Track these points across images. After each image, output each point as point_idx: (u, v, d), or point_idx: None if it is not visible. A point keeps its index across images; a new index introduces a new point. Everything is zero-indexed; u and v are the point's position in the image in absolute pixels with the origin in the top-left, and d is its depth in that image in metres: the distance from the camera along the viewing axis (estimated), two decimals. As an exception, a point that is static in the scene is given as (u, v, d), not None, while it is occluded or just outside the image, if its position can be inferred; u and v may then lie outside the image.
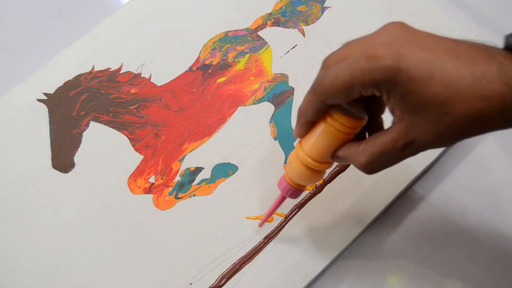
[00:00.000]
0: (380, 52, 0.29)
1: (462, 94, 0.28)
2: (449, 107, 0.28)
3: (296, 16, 0.52)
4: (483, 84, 0.28)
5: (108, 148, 0.46)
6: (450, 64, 0.28)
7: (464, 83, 0.28)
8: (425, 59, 0.28)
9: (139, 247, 0.42)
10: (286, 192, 0.37)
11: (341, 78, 0.30)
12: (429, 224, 0.43)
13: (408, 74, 0.28)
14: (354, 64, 0.30)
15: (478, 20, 0.52)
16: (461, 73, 0.28)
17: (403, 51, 0.29)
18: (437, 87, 0.28)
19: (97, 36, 0.51)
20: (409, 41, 0.29)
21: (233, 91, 0.48)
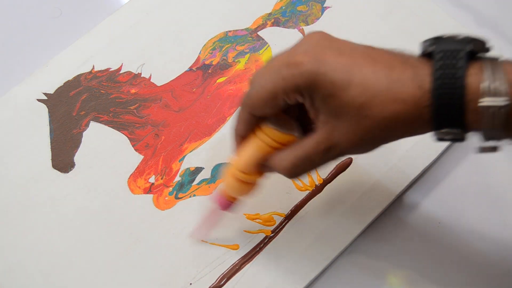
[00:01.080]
0: (300, 59, 0.30)
1: (379, 97, 0.29)
2: (367, 110, 0.29)
3: (296, 16, 0.52)
4: (398, 88, 0.29)
5: (108, 148, 0.46)
6: (367, 68, 0.29)
7: (381, 87, 0.29)
8: (344, 64, 0.30)
9: (139, 247, 0.42)
10: (220, 204, 0.38)
11: (265, 88, 0.31)
12: (429, 224, 0.43)
13: (327, 78, 0.29)
14: (277, 73, 0.31)
15: (478, 20, 0.52)
16: (378, 77, 0.29)
17: (322, 57, 0.30)
18: (356, 91, 0.29)
19: (97, 36, 0.51)
20: (328, 48, 0.30)
21: (233, 91, 0.48)
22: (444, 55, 0.29)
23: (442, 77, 0.28)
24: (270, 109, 0.33)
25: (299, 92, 0.31)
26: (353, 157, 0.45)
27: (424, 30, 0.50)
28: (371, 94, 0.29)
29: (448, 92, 0.28)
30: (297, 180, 0.44)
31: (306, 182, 0.44)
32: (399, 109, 0.29)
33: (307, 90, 0.30)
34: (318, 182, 0.44)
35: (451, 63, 0.28)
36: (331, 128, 0.31)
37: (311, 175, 0.44)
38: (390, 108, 0.29)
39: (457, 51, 0.28)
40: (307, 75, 0.30)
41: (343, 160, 0.45)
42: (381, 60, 0.30)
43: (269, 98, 0.32)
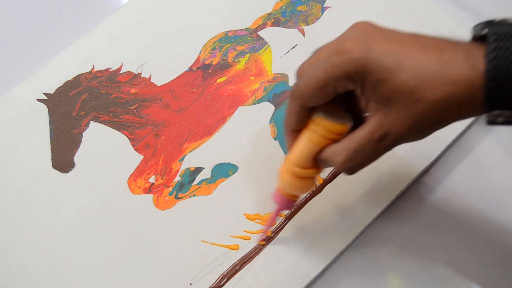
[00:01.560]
0: (349, 46, 0.30)
1: (431, 79, 0.29)
2: (419, 94, 0.29)
3: (296, 16, 0.52)
4: (450, 69, 0.29)
5: (108, 148, 0.46)
6: (417, 52, 0.29)
7: (432, 69, 0.29)
8: (393, 49, 0.29)
9: (139, 247, 0.42)
10: (281, 204, 0.38)
11: (315, 77, 0.31)
12: (429, 224, 0.43)
13: (377, 64, 0.29)
14: (326, 61, 0.31)
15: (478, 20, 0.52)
16: (428, 60, 0.29)
17: (370, 43, 0.30)
18: (406, 75, 0.29)
19: (97, 36, 0.51)
20: (376, 35, 0.30)
21: (233, 91, 0.48)
22: (498, 37, 0.28)
23: (496, 59, 0.28)
24: (321, 98, 0.32)
25: (349, 79, 0.30)
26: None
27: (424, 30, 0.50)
28: (422, 77, 0.29)
29: (503, 73, 0.28)
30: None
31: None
32: (451, 91, 0.29)
33: (358, 77, 0.30)
34: (318, 182, 0.44)
35: (505, 45, 0.28)
36: (383, 115, 0.31)
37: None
38: (442, 90, 0.29)
39: (511, 34, 0.28)
40: (357, 61, 0.30)
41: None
42: (430, 44, 0.30)
43: (320, 87, 0.31)
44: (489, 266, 0.42)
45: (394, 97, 0.30)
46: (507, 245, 0.42)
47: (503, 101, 0.28)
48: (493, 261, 0.42)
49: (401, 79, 0.29)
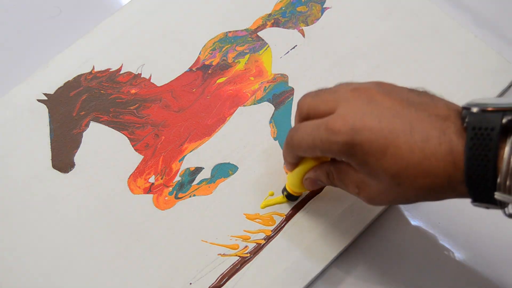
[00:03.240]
0: (338, 126, 0.31)
1: (412, 170, 0.30)
2: (400, 180, 0.31)
3: (296, 16, 0.52)
4: (432, 163, 0.29)
5: (108, 148, 0.46)
6: (403, 139, 0.30)
7: (415, 160, 0.30)
8: (380, 134, 0.30)
9: (139, 247, 0.42)
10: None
11: (305, 142, 0.34)
12: (429, 224, 0.44)
13: (362, 149, 0.31)
14: (316, 132, 0.33)
15: (477, 20, 0.53)
16: (412, 149, 0.30)
17: (359, 126, 0.31)
18: (389, 162, 0.30)
19: (97, 36, 0.51)
20: (369, 114, 0.31)
21: (233, 91, 0.49)
22: (477, 134, 0.28)
23: (474, 158, 0.28)
24: (310, 156, 0.36)
25: (335, 155, 0.33)
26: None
27: (423, 31, 0.51)
28: (404, 166, 0.30)
29: (480, 173, 0.28)
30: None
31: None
32: (431, 182, 0.30)
33: (342, 156, 0.32)
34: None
35: (483, 143, 0.28)
36: (366, 182, 0.33)
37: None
38: (422, 180, 0.30)
39: (490, 129, 0.28)
40: (342, 144, 0.31)
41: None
42: (420, 129, 0.30)
43: (308, 150, 0.34)
44: (489, 266, 0.42)
45: (377, 177, 0.32)
46: (507, 244, 0.43)
47: (483, 197, 0.29)
48: (493, 260, 0.42)
49: (384, 165, 0.31)
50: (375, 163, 0.31)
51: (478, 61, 0.49)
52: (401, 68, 0.49)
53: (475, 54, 0.49)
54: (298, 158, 0.38)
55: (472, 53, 0.49)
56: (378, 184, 0.32)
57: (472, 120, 0.29)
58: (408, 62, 0.49)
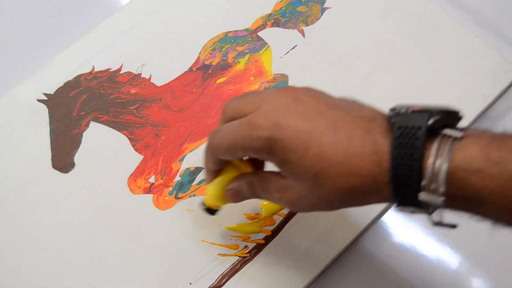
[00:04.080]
0: (260, 121, 0.30)
1: (335, 169, 0.29)
2: (322, 180, 0.29)
3: (296, 16, 0.52)
4: (356, 162, 0.28)
5: (108, 148, 0.46)
6: (327, 138, 0.29)
7: (338, 159, 0.29)
8: (303, 131, 0.29)
9: (139, 247, 0.42)
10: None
11: (226, 141, 0.32)
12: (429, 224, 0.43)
13: (283, 145, 0.29)
14: (237, 129, 0.31)
15: (477, 20, 0.53)
16: (336, 148, 0.29)
17: (282, 121, 0.30)
18: (311, 160, 0.29)
19: (97, 36, 0.51)
20: (292, 112, 0.30)
21: (233, 91, 0.49)
22: (403, 133, 0.27)
23: (399, 157, 0.27)
24: (231, 158, 0.34)
25: (256, 153, 0.31)
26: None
27: (423, 31, 0.51)
28: (326, 165, 0.29)
29: (405, 173, 0.27)
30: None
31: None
32: (355, 183, 0.29)
33: (264, 153, 0.31)
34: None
35: (409, 141, 0.27)
36: (290, 185, 0.31)
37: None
38: (346, 180, 0.29)
39: (416, 128, 0.27)
40: (263, 140, 0.30)
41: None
42: (344, 128, 0.29)
43: (228, 150, 0.32)
44: (489, 266, 0.42)
45: (299, 176, 0.30)
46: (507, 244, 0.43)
47: (408, 199, 0.28)
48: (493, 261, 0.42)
49: (306, 164, 0.29)
50: (296, 161, 0.29)
51: (478, 61, 0.49)
52: (401, 68, 0.49)
53: (475, 54, 0.49)
54: (220, 164, 0.35)
55: (472, 53, 0.49)
56: (299, 186, 0.31)
57: (398, 120, 0.28)
58: (408, 62, 0.49)
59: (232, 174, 0.36)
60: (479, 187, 0.26)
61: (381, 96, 0.48)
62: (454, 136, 0.27)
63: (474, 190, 0.26)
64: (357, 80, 0.49)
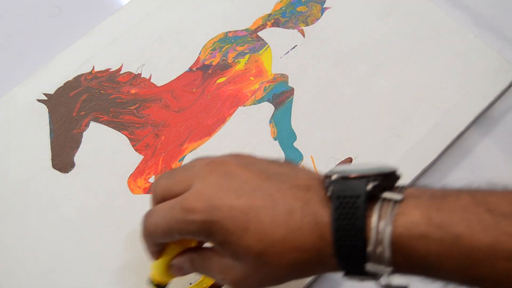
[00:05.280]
0: (193, 204, 0.29)
1: (277, 246, 0.28)
2: (265, 258, 0.28)
3: (296, 16, 0.52)
4: (298, 237, 0.27)
5: (108, 148, 0.46)
6: (265, 213, 0.28)
7: (279, 235, 0.28)
8: (240, 210, 0.28)
9: (139, 247, 0.42)
10: None
11: (160, 226, 0.31)
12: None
13: (221, 227, 0.28)
14: (170, 214, 0.30)
15: (477, 20, 0.53)
16: (276, 224, 0.28)
17: (216, 202, 0.28)
18: (252, 239, 0.28)
19: (97, 36, 0.51)
20: (225, 190, 0.29)
21: (233, 91, 0.49)
22: (342, 203, 0.27)
23: (341, 228, 0.26)
24: (170, 241, 0.32)
25: (194, 236, 0.30)
26: (352, 157, 0.45)
27: (423, 31, 0.51)
28: (268, 243, 0.28)
29: (349, 244, 0.26)
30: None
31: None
32: (300, 257, 0.28)
33: (203, 235, 0.29)
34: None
35: (350, 212, 0.26)
36: (230, 265, 0.30)
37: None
38: (289, 256, 0.28)
39: (355, 197, 0.26)
40: (199, 223, 0.29)
41: (343, 160, 0.45)
42: (281, 202, 0.28)
43: (164, 234, 0.31)
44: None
45: (241, 257, 0.29)
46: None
47: (355, 269, 0.27)
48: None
49: (247, 243, 0.28)
50: (237, 242, 0.28)
51: (478, 61, 0.49)
52: (401, 68, 0.49)
53: (475, 54, 0.49)
54: (159, 245, 0.33)
55: (472, 53, 0.49)
56: (243, 266, 0.29)
57: (336, 189, 0.27)
58: (408, 62, 0.49)
59: (175, 250, 0.34)
60: (426, 253, 0.25)
61: (381, 96, 0.48)
62: (394, 199, 0.27)
63: (421, 256, 0.26)
64: (357, 80, 0.49)
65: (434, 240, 0.25)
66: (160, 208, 0.31)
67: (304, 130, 0.46)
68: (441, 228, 0.25)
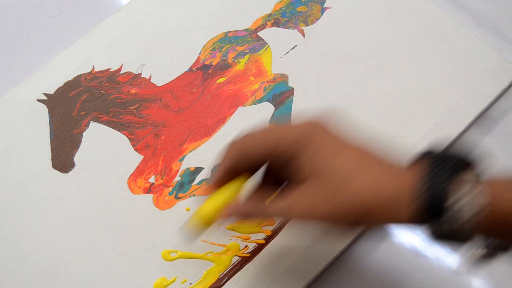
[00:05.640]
0: (298, 121, 0.32)
1: (362, 174, 0.29)
2: (346, 183, 0.29)
3: (296, 16, 0.52)
4: (385, 174, 0.29)
5: (108, 148, 0.46)
6: (360, 148, 0.31)
7: (367, 166, 0.30)
8: (339, 139, 0.31)
9: (139, 247, 0.42)
10: None
11: (262, 133, 0.33)
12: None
13: (318, 142, 0.31)
14: (275, 126, 0.33)
15: (477, 20, 0.53)
16: (367, 156, 0.30)
17: (321, 126, 0.31)
18: (341, 161, 0.30)
19: (97, 36, 0.51)
20: (330, 126, 0.32)
21: (233, 91, 0.49)
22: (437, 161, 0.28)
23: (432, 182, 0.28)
24: (256, 158, 0.33)
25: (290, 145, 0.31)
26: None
27: (423, 31, 0.51)
28: (355, 168, 0.30)
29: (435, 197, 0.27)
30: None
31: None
32: (379, 194, 0.29)
33: (295, 146, 0.31)
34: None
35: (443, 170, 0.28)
36: (303, 193, 0.31)
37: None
38: (370, 189, 0.29)
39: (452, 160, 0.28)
40: (301, 132, 0.31)
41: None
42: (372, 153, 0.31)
43: (259, 144, 0.32)
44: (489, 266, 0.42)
45: (324, 175, 0.30)
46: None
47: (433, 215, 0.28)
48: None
49: (335, 163, 0.30)
50: (327, 159, 0.30)
51: (478, 61, 0.49)
52: (401, 68, 0.49)
53: (475, 54, 0.49)
54: (231, 173, 0.34)
55: (472, 53, 0.49)
56: (318, 190, 0.30)
57: (431, 150, 0.30)
58: (408, 62, 0.49)
59: (233, 191, 0.34)
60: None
61: (381, 96, 0.48)
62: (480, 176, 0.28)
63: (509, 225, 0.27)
64: (357, 80, 0.49)
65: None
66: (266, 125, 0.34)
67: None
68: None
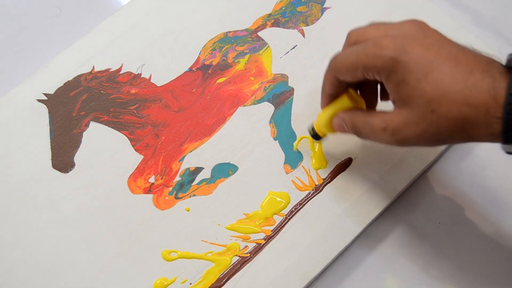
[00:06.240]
0: (386, 43, 0.32)
1: (451, 97, 0.30)
2: (435, 106, 0.31)
3: (296, 16, 0.52)
4: (472, 93, 0.30)
5: (108, 148, 0.46)
6: (447, 68, 0.30)
7: (455, 88, 0.30)
8: (426, 58, 0.31)
9: (139, 247, 0.42)
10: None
11: (349, 58, 0.34)
12: (429, 224, 0.44)
13: (405, 66, 0.31)
14: (363, 49, 0.33)
15: (476, 21, 0.53)
16: (455, 77, 0.30)
17: (407, 47, 0.31)
18: (429, 85, 0.30)
19: (97, 36, 0.51)
20: (418, 41, 0.32)
21: (233, 91, 0.49)
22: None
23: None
24: (351, 78, 0.35)
25: (376, 71, 0.32)
26: (352, 157, 0.45)
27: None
28: (443, 92, 0.30)
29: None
30: (297, 181, 0.44)
31: (306, 182, 0.44)
32: (468, 113, 0.30)
33: (384, 72, 0.32)
34: (318, 182, 0.44)
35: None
36: (399, 113, 0.32)
37: (311, 175, 0.44)
38: (459, 109, 0.30)
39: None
40: (387, 58, 0.32)
41: (342, 160, 0.45)
42: (464, 62, 0.31)
43: (350, 69, 0.34)
44: (490, 266, 0.42)
45: (411, 100, 0.31)
46: (507, 244, 0.43)
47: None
48: (493, 261, 0.42)
49: (423, 87, 0.31)
50: (414, 84, 0.31)
51: (478, 61, 0.49)
52: (401, 68, 0.49)
53: (475, 54, 0.49)
54: (336, 87, 0.37)
55: (472, 53, 0.49)
56: (409, 113, 0.32)
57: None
58: (408, 62, 0.49)
59: (344, 104, 0.38)
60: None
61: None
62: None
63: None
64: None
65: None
66: (352, 47, 0.35)
67: (304, 130, 0.46)
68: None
